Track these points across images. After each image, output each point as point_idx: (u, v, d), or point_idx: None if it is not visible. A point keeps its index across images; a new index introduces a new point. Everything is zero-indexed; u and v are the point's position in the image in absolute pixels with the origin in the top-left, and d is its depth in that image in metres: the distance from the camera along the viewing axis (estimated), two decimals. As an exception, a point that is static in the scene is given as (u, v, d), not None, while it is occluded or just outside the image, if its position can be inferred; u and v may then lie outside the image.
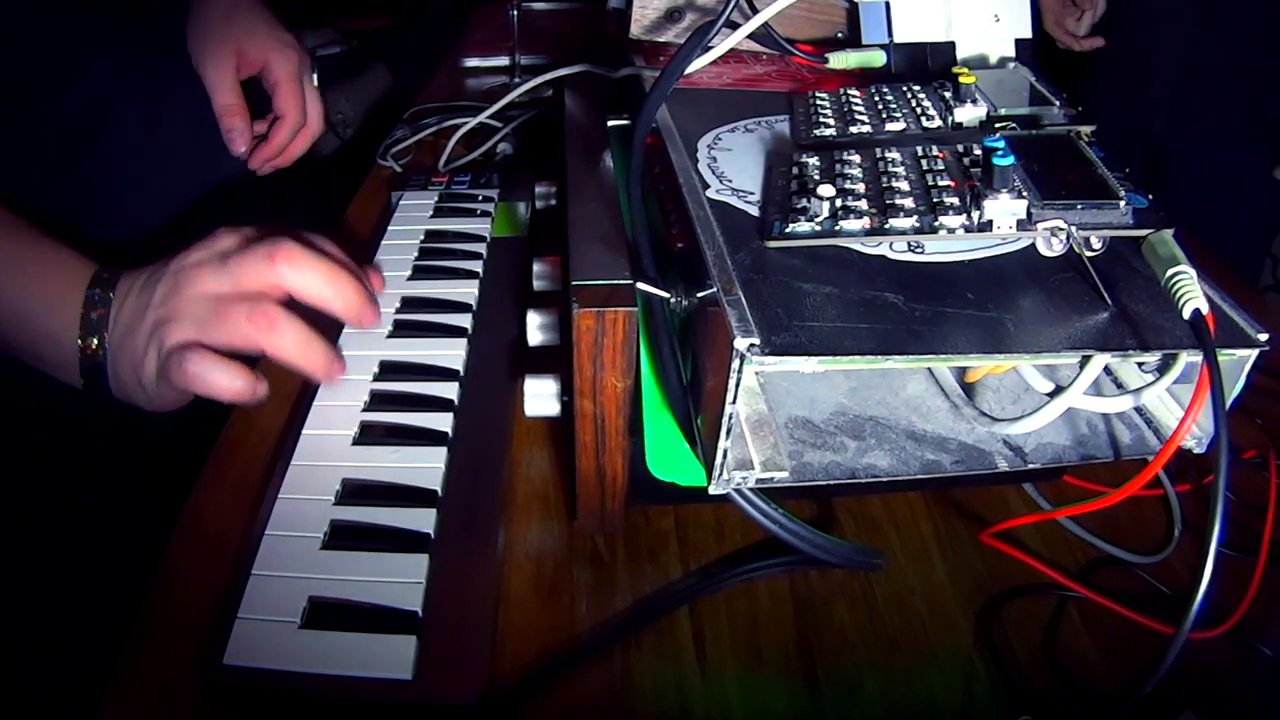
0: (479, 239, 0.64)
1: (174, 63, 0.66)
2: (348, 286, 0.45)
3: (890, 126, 0.47)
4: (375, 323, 0.48)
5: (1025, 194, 0.37)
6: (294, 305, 0.45)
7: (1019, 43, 0.56)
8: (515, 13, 0.92)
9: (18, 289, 0.46)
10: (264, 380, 0.44)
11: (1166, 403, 0.41)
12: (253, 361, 0.45)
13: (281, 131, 0.67)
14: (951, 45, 0.56)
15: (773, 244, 0.38)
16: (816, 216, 0.38)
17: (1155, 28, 1.24)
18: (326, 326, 0.47)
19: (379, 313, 0.48)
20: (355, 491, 0.43)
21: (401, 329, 0.54)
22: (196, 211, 0.70)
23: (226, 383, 0.43)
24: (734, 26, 0.42)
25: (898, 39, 0.57)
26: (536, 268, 0.56)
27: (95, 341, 0.46)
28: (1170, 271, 0.35)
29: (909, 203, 0.38)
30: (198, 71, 0.64)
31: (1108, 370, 0.42)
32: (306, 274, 0.44)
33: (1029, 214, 0.37)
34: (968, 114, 0.47)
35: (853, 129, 0.47)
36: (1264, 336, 0.35)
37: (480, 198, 0.70)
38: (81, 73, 0.57)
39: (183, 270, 0.44)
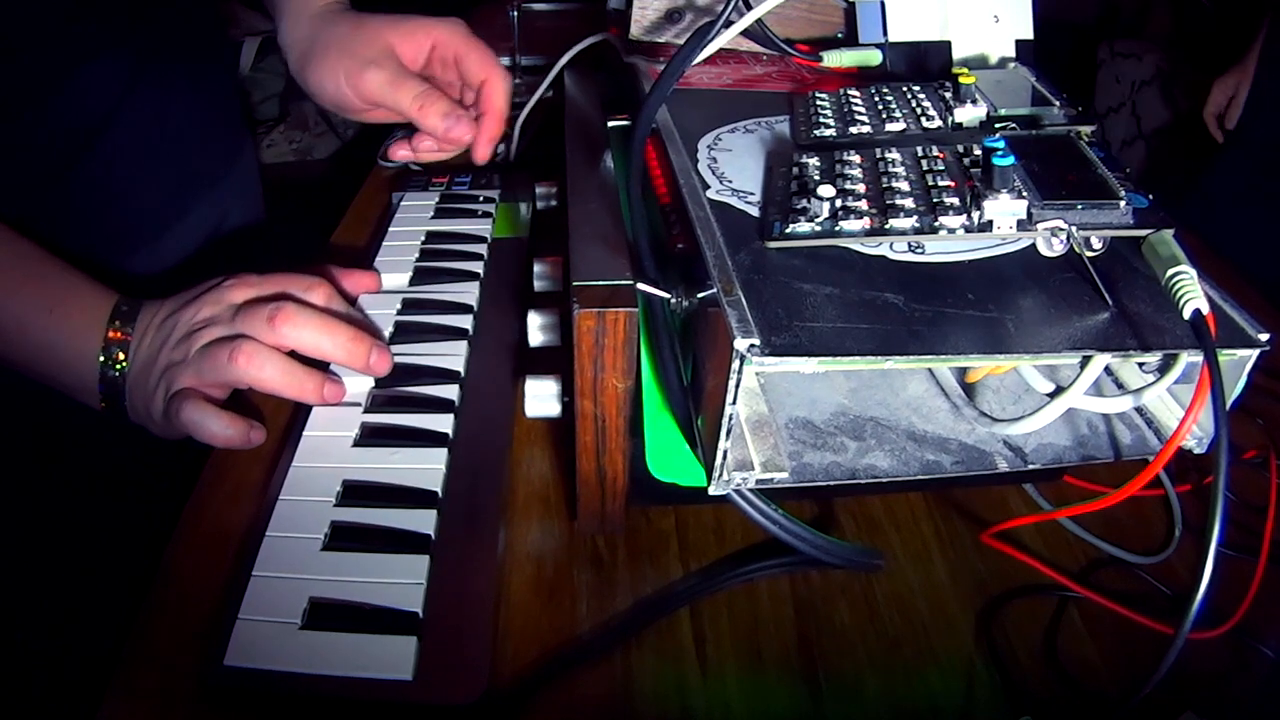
0: (480, 240, 0.64)
1: (181, 67, 0.66)
2: (348, 339, 0.48)
3: (890, 127, 0.47)
4: (387, 369, 0.49)
5: (1025, 194, 0.37)
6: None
7: (1020, 43, 0.56)
8: (515, 13, 0.92)
9: (44, 325, 0.48)
10: (260, 428, 0.47)
11: (1167, 403, 0.41)
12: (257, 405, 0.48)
13: (498, 96, 0.58)
14: (947, 45, 0.56)
15: (773, 244, 0.38)
16: (816, 217, 0.38)
17: None
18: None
19: (390, 358, 0.50)
20: (356, 493, 0.43)
21: (402, 330, 0.54)
22: (200, 216, 0.70)
23: (218, 430, 0.46)
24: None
25: (893, 38, 0.57)
26: (537, 268, 0.56)
27: (115, 371, 0.49)
28: (1170, 271, 0.35)
29: (909, 203, 0.38)
30: (377, 101, 0.55)
31: (1108, 370, 0.42)
32: (305, 332, 0.47)
33: (1029, 214, 0.37)
34: (968, 114, 0.47)
35: (853, 129, 0.47)
36: (1264, 336, 0.35)
37: (481, 198, 0.70)
38: (85, 76, 0.57)
39: (195, 323, 0.48)
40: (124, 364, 0.48)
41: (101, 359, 0.48)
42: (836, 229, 0.38)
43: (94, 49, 0.57)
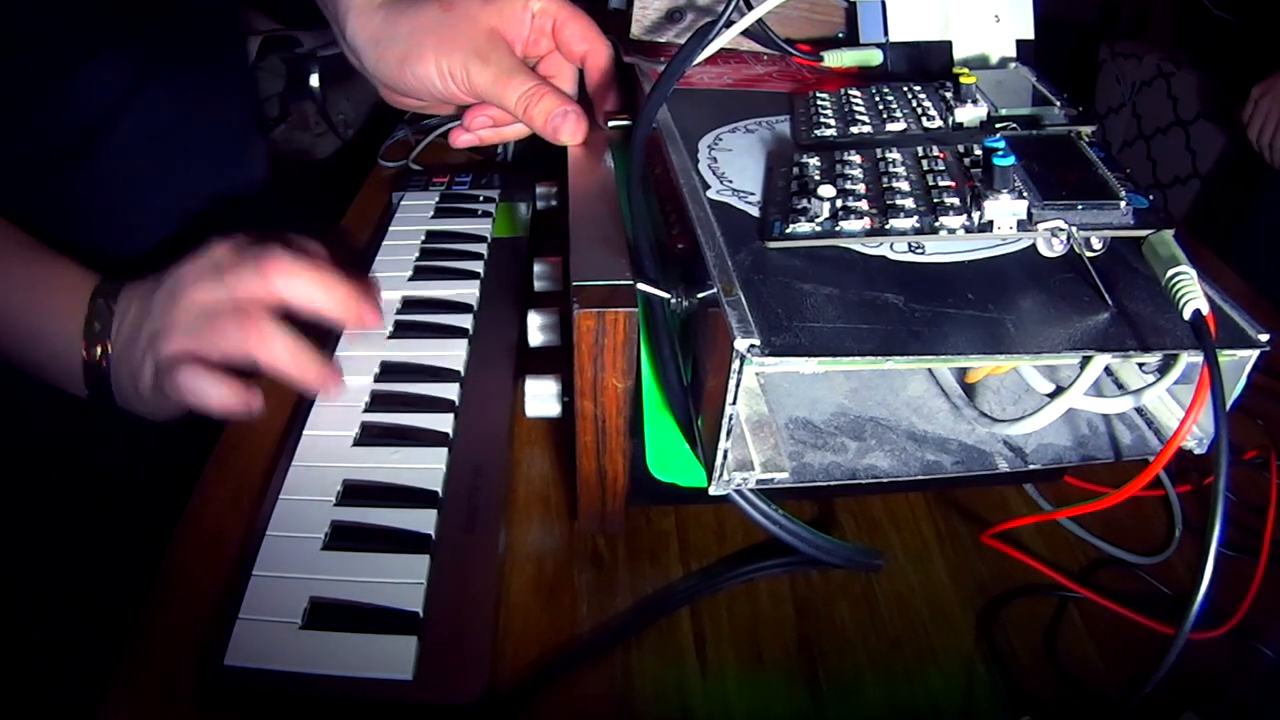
0: (480, 239, 0.64)
1: (194, 68, 0.66)
2: (340, 290, 0.46)
3: (891, 127, 0.47)
4: (377, 323, 0.48)
5: (1026, 194, 0.37)
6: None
7: (1020, 43, 0.56)
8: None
9: (25, 308, 0.47)
10: (258, 394, 0.45)
11: (1167, 403, 0.41)
12: (251, 377, 0.46)
13: (602, 70, 0.53)
14: (948, 44, 0.56)
15: (773, 244, 0.38)
16: (817, 217, 0.38)
17: None
18: (324, 340, 0.48)
19: (379, 314, 0.49)
20: (356, 492, 0.43)
21: (402, 329, 0.54)
22: (203, 213, 0.70)
23: (218, 396, 0.44)
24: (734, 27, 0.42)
25: (894, 38, 0.57)
26: (537, 268, 0.56)
27: (99, 352, 0.47)
28: (1171, 272, 0.35)
29: (909, 203, 0.38)
30: (482, 97, 0.50)
31: (1108, 371, 0.42)
32: (297, 281, 0.45)
33: (1029, 214, 0.37)
34: (968, 114, 0.47)
35: (853, 129, 0.47)
36: (1265, 337, 0.35)
37: (481, 198, 0.70)
38: (88, 74, 0.57)
39: (178, 282, 0.46)
40: (107, 344, 0.47)
41: (84, 339, 0.47)
42: (836, 229, 0.38)
43: (98, 47, 0.57)
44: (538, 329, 0.49)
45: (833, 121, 0.49)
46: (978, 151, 0.40)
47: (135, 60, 0.59)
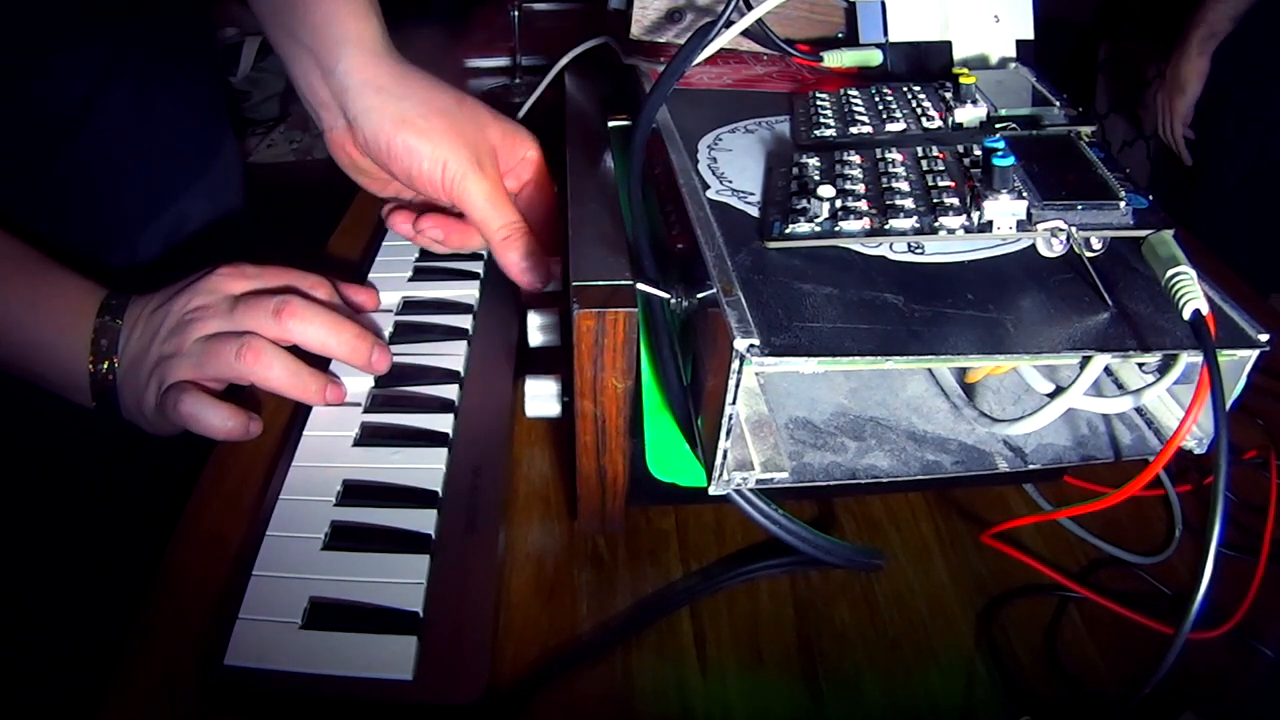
0: (479, 240, 0.64)
1: (164, 56, 0.66)
2: (353, 336, 0.48)
3: (890, 127, 0.47)
4: (387, 368, 0.49)
5: (1025, 194, 0.37)
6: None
7: (1020, 43, 0.56)
8: (516, 13, 0.92)
9: (31, 323, 0.48)
10: (258, 419, 0.47)
11: (1167, 403, 0.41)
12: (253, 396, 0.48)
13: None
14: (948, 45, 0.56)
15: (773, 245, 0.38)
16: (816, 217, 0.38)
17: None
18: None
19: (390, 357, 0.50)
20: (356, 492, 0.43)
21: (402, 330, 0.54)
22: (181, 210, 0.70)
23: (218, 423, 0.45)
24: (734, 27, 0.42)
25: (893, 38, 0.57)
26: (537, 268, 0.56)
27: (106, 366, 0.48)
28: (1170, 272, 0.35)
29: (909, 203, 0.38)
30: (460, 204, 0.50)
31: (1108, 371, 0.42)
32: (311, 328, 0.47)
33: (1029, 215, 0.37)
34: (968, 114, 0.47)
35: (853, 129, 0.47)
36: (1264, 337, 0.35)
37: (481, 198, 0.70)
38: (60, 66, 0.56)
39: (188, 313, 0.47)
40: (114, 359, 0.48)
41: (90, 355, 0.48)
42: (836, 229, 0.38)
43: (69, 39, 0.57)
44: (538, 329, 0.49)
45: (832, 122, 0.49)
46: (977, 152, 0.40)
47: (105, 55, 0.59)
